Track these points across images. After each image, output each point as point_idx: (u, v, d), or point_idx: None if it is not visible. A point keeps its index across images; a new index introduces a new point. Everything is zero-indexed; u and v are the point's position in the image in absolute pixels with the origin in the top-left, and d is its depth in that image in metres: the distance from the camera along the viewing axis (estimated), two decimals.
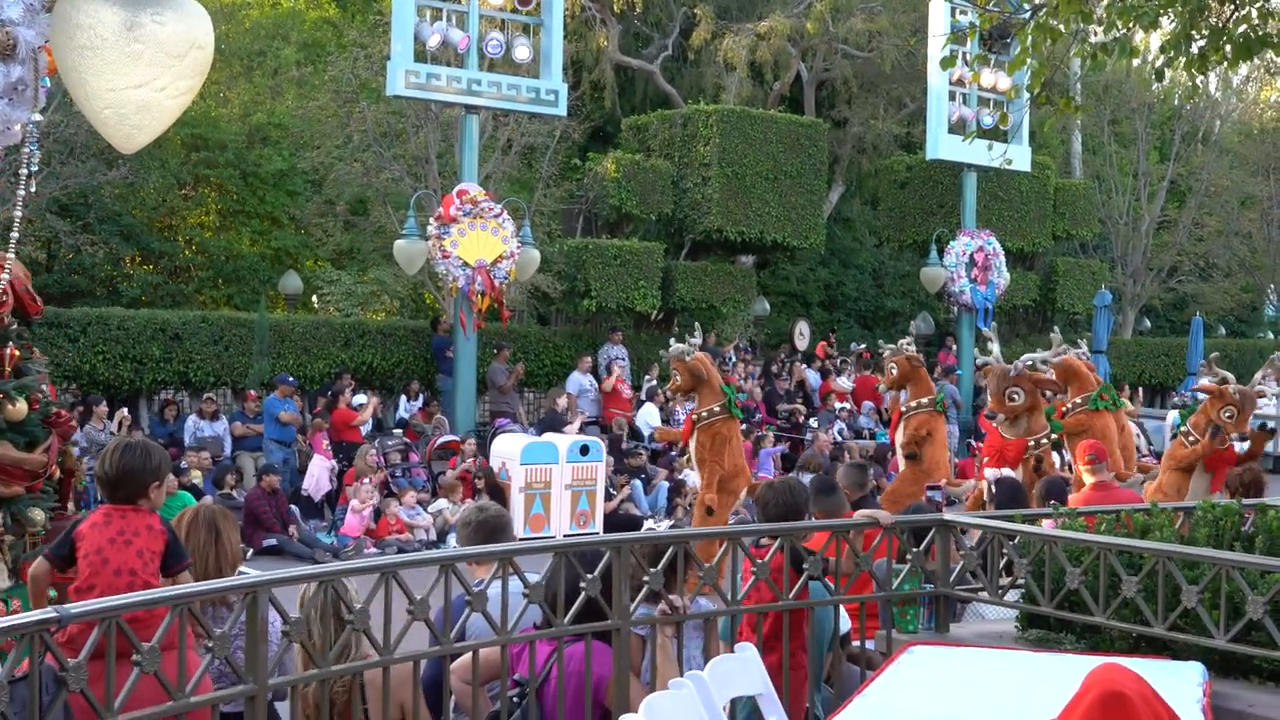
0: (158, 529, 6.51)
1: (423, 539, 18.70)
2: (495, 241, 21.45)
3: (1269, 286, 40.45)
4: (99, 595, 6.15)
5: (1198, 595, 6.11)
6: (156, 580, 6.40)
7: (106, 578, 6.33)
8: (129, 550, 6.39)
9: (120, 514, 6.50)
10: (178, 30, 8.20)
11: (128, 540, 6.41)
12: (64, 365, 21.05)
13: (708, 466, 15.12)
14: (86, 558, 6.39)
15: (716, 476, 15.06)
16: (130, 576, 6.34)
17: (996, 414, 14.38)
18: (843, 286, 37.57)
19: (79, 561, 6.42)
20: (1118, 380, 31.49)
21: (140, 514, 6.53)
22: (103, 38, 8.05)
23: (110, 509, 6.55)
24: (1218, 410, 14.12)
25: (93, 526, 6.47)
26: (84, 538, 6.43)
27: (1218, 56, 7.66)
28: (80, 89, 8.27)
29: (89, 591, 6.28)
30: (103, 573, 6.35)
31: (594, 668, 6.25)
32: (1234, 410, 14.10)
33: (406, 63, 20.88)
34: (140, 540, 6.42)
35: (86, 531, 6.45)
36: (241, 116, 30.75)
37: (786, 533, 7.13)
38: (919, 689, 5.83)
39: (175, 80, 8.23)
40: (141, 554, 6.40)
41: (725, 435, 15.17)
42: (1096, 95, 37.49)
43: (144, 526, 6.48)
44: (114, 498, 6.57)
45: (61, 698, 4.72)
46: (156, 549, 6.46)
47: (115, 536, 6.41)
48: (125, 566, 6.36)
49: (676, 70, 36.14)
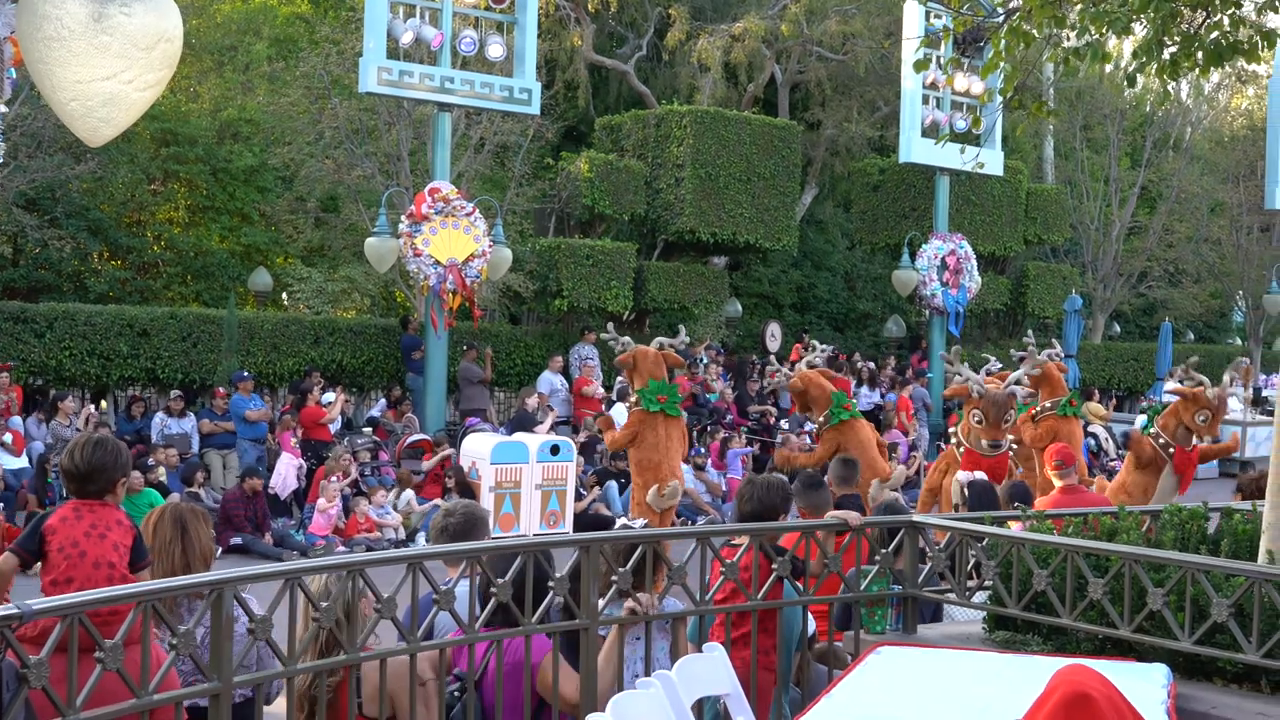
0: (126, 524, 6.56)
1: (391, 538, 18.67)
2: (467, 240, 21.41)
3: (1238, 293, 40.64)
4: (78, 588, 6.21)
5: (1163, 598, 6.13)
6: (131, 575, 6.41)
7: (85, 570, 6.37)
8: (105, 543, 6.43)
9: (89, 508, 6.52)
10: (146, 22, 8.15)
11: (102, 534, 6.44)
12: (30, 360, 20.97)
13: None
14: (62, 551, 6.40)
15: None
16: (109, 569, 6.39)
17: (1001, 442, 14.09)
18: (815, 289, 37.64)
19: (53, 555, 6.42)
20: (1087, 385, 31.63)
21: (109, 509, 6.56)
22: (69, 29, 8.01)
23: (79, 503, 6.56)
24: (1191, 413, 14.13)
25: (63, 520, 6.47)
26: (55, 531, 6.43)
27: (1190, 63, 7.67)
28: (47, 81, 8.22)
29: (67, 585, 6.31)
30: (81, 565, 6.38)
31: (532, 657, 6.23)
32: (1208, 414, 14.13)
33: (379, 59, 20.83)
34: (114, 534, 6.47)
35: (57, 525, 6.45)
36: (212, 112, 30.65)
37: (757, 533, 7.12)
38: (886, 690, 5.84)
39: (143, 73, 8.19)
40: (117, 547, 6.46)
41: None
42: (1069, 101, 37.69)
43: (114, 521, 6.52)
44: (82, 492, 6.57)
45: (23, 694, 4.68)
46: (128, 544, 6.50)
47: (89, 530, 6.43)
48: (104, 559, 6.39)
49: (650, 70, 36.15)
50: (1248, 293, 39.37)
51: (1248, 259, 38.64)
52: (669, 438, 16.44)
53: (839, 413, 16.32)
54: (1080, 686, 4.24)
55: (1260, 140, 36.13)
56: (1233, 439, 16.67)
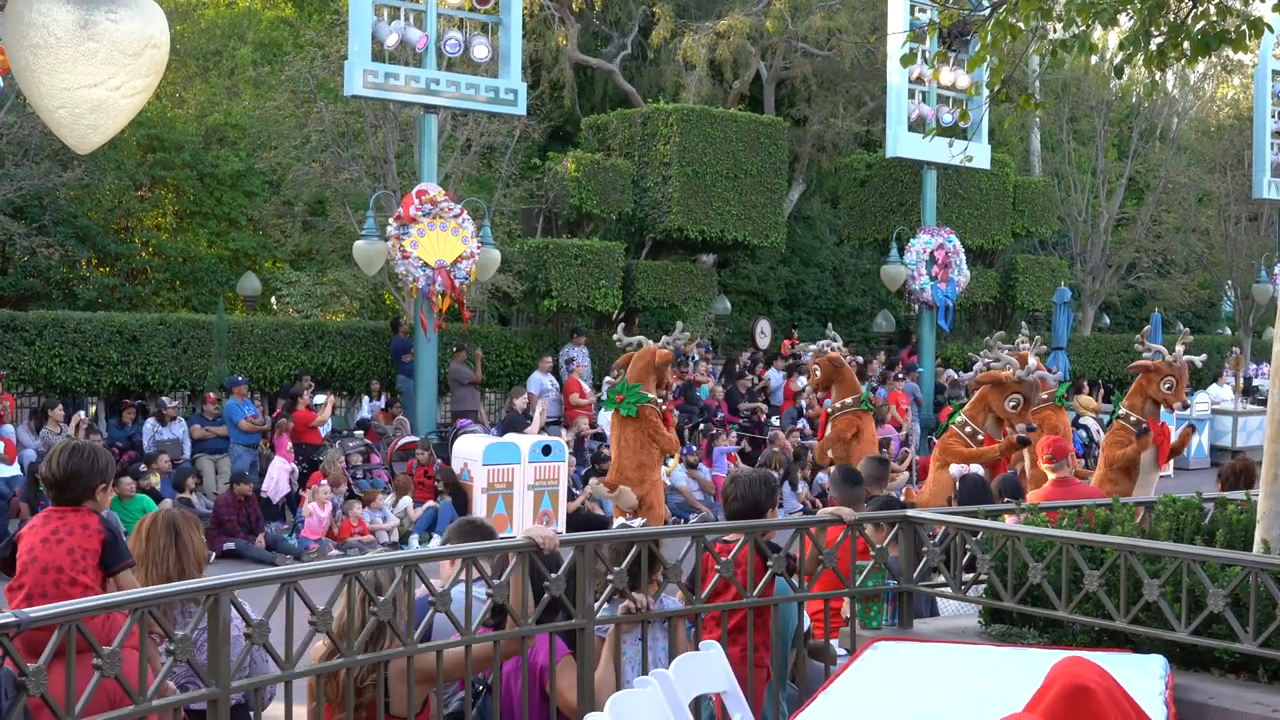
0: (94, 528, 6.50)
1: (385, 541, 18.68)
2: (455, 242, 21.40)
3: (1226, 282, 40.66)
4: (25, 594, 6.28)
5: (1159, 589, 6.13)
6: (86, 578, 6.38)
7: (34, 575, 6.38)
8: (60, 549, 6.41)
9: (59, 515, 6.53)
10: (133, 28, 8.14)
11: (60, 539, 6.43)
12: (20, 368, 20.92)
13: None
14: (20, 557, 6.44)
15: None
16: (57, 574, 6.36)
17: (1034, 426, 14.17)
18: (803, 285, 37.64)
19: (18, 562, 6.45)
20: (1078, 377, 31.65)
21: (80, 514, 6.54)
22: (56, 36, 7.99)
23: (51, 510, 6.58)
24: (1155, 384, 14.14)
25: (31, 528, 6.55)
26: (22, 539, 6.51)
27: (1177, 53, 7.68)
28: (34, 88, 8.22)
29: (19, 590, 6.37)
30: (31, 571, 6.40)
31: (544, 660, 6.25)
32: (1173, 381, 14.13)
33: (364, 62, 20.81)
34: (73, 539, 6.43)
35: (25, 533, 6.54)
36: (198, 117, 30.61)
37: (751, 529, 7.11)
38: (884, 684, 5.84)
39: (131, 79, 8.18)
40: (72, 551, 6.41)
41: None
42: (1055, 93, 37.64)
43: (79, 525, 6.49)
44: (59, 499, 6.58)
45: (21, 702, 4.68)
46: (90, 547, 6.45)
47: (49, 536, 6.45)
48: (53, 564, 6.38)
49: (636, 69, 36.14)
50: (1236, 282, 39.39)
51: (1236, 249, 38.66)
52: (624, 440, 16.35)
53: (866, 401, 17.08)
54: (1079, 679, 4.25)
55: (1247, 129, 36.21)
56: (1183, 435, 16.61)
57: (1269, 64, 32.66)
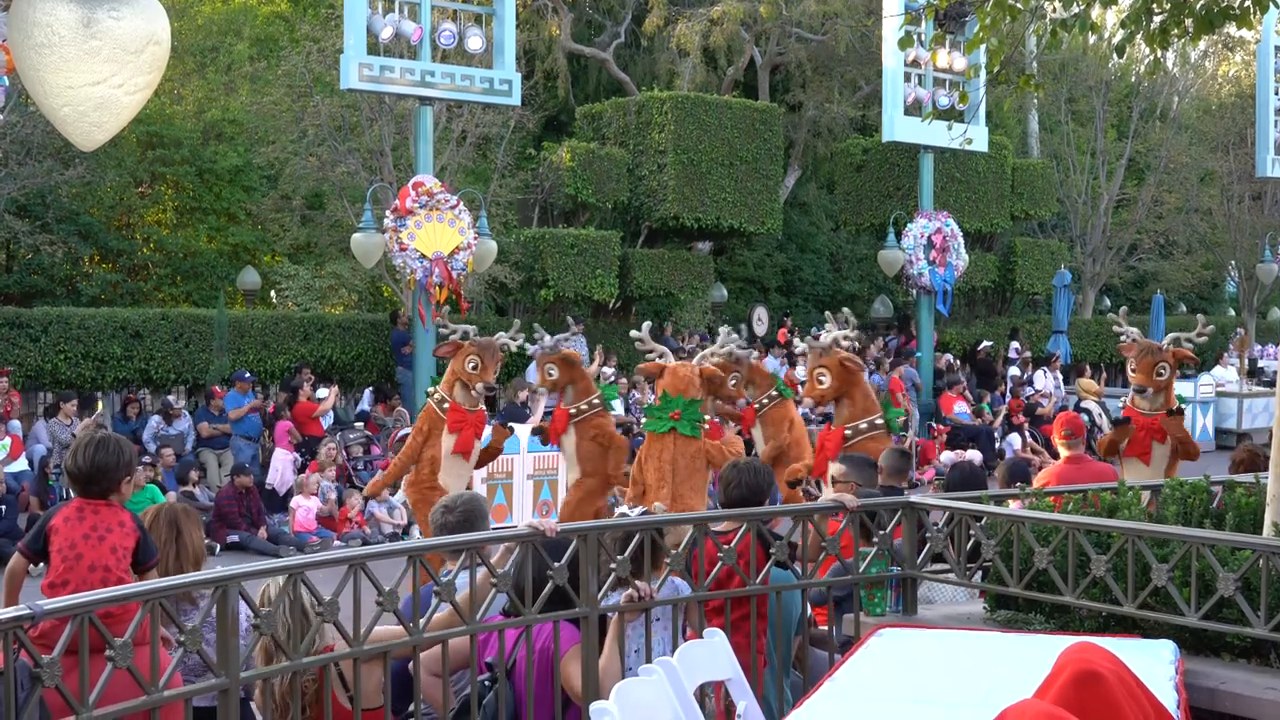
0: (129, 525, 6.57)
1: (389, 531, 18.71)
2: (452, 233, 21.37)
3: (1229, 263, 40.42)
4: (73, 591, 6.20)
5: (1168, 573, 6.10)
6: (129, 577, 6.44)
7: (81, 573, 6.39)
8: (103, 546, 6.45)
9: (93, 509, 6.55)
10: (135, 26, 8.15)
11: (101, 536, 6.46)
12: (26, 365, 21.02)
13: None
14: (60, 553, 6.45)
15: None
16: (104, 573, 6.42)
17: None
18: (800, 271, 37.56)
19: (53, 557, 6.47)
20: (1079, 361, 31.62)
21: (113, 510, 6.59)
22: (60, 35, 8.01)
23: (83, 503, 6.59)
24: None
25: (65, 521, 6.51)
26: (57, 532, 6.47)
27: (1179, 30, 7.62)
28: (38, 87, 8.23)
29: (63, 587, 6.33)
30: (77, 569, 6.41)
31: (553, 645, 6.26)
32: (1133, 362, 13.67)
33: (359, 56, 20.77)
34: (113, 536, 6.48)
35: (59, 526, 6.50)
36: (196, 113, 30.60)
37: (753, 517, 7.10)
38: (889, 671, 5.82)
39: (133, 76, 8.19)
40: (115, 550, 6.48)
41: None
42: (1053, 74, 37.41)
43: (116, 523, 6.54)
44: (86, 492, 6.61)
45: (37, 694, 4.72)
46: (128, 545, 6.53)
47: (89, 533, 6.46)
48: (99, 563, 6.42)
49: (630, 57, 36.07)
50: (1240, 263, 39.10)
51: (1239, 228, 38.33)
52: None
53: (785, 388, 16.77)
54: (1089, 664, 4.23)
55: (1249, 107, 35.78)
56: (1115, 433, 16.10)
57: (1272, 40, 32.26)
